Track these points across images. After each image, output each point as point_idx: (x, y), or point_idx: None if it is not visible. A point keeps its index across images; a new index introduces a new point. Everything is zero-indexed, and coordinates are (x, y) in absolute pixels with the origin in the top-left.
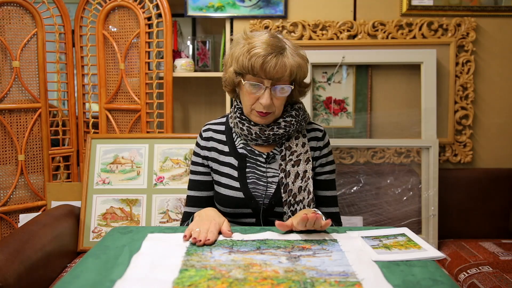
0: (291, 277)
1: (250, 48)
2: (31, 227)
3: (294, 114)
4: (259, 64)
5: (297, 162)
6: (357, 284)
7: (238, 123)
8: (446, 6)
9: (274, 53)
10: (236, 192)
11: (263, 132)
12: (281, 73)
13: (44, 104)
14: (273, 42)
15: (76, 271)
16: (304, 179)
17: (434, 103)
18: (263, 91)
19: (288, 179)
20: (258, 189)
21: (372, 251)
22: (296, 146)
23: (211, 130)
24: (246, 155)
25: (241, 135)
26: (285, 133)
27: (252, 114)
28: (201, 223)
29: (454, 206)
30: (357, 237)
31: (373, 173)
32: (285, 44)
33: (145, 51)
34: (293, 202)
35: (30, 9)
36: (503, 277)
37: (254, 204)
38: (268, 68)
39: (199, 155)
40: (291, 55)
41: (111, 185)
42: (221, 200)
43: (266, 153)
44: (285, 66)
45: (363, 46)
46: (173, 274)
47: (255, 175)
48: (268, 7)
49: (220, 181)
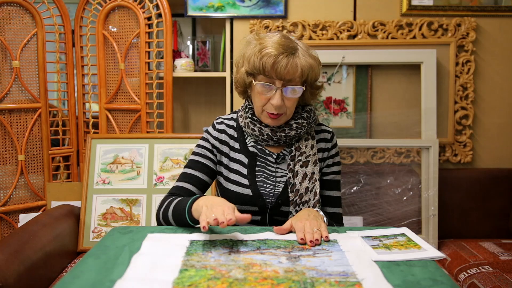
0: (291, 277)
1: (262, 48)
2: (31, 227)
3: (306, 116)
4: (270, 64)
5: (306, 163)
6: (357, 284)
7: (250, 123)
8: (446, 6)
9: (286, 53)
10: (244, 189)
11: (275, 133)
12: (292, 74)
13: (44, 104)
14: (285, 42)
15: (76, 271)
16: (312, 180)
17: (434, 103)
18: (274, 92)
19: (296, 179)
20: (266, 187)
21: (372, 251)
22: (306, 148)
23: (224, 124)
24: (256, 153)
25: (252, 135)
26: (296, 135)
27: (263, 116)
28: (213, 209)
29: (454, 206)
30: (357, 237)
31: (373, 173)
32: (297, 45)
33: (145, 51)
34: (299, 202)
35: (30, 9)
36: (503, 277)
37: (262, 202)
38: (279, 68)
39: (209, 141)
40: (303, 55)
41: (111, 185)
42: (229, 196)
43: (276, 154)
44: (296, 66)
45: (363, 46)
46: (173, 274)
47: (264, 174)
48: (268, 7)
49: (229, 177)
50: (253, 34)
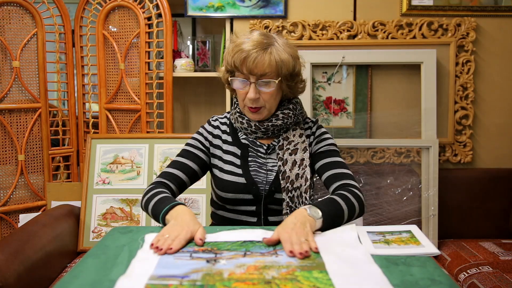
0: (280, 275)
1: (235, 46)
2: (31, 227)
3: (292, 107)
4: (240, 59)
5: (294, 151)
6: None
7: (238, 117)
8: (446, 6)
9: (257, 49)
10: (238, 178)
11: (262, 124)
12: (260, 68)
13: (44, 104)
14: (260, 39)
15: (76, 271)
16: (301, 166)
17: (434, 103)
18: (249, 86)
19: (285, 167)
20: (259, 176)
21: (371, 245)
22: (294, 137)
23: (218, 121)
24: (248, 145)
25: (241, 129)
26: (283, 125)
27: (245, 110)
28: (172, 228)
29: (454, 206)
30: (349, 230)
31: (373, 173)
32: (273, 41)
33: (145, 51)
34: (291, 189)
35: (30, 9)
36: (503, 277)
37: (256, 190)
38: (248, 63)
39: (202, 135)
40: (276, 51)
41: (111, 185)
42: (223, 186)
43: (266, 145)
44: (264, 60)
45: (363, 46)
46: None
47: (257, 163)
48: (268, 7)
49: (223, 168)
50: (233, 34)
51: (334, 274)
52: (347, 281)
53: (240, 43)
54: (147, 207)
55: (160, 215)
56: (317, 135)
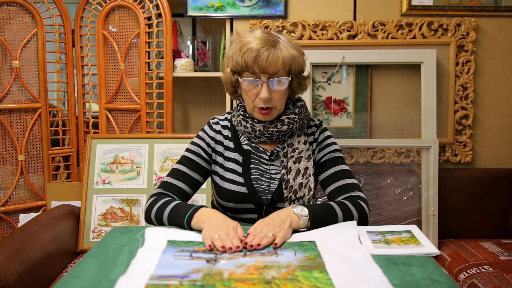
0: (280, 275)
1: (243, 45)
2: (31, 227)
3: (297, 112)
4: (251, 59)
5: (298, 159)
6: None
7: (242, 120)
8: (446, 6)
9: (267, 47)
10: (240, 187)
11: (267, 129)
12: (274, 66)
13: (44, 104)
14: (265, 37)
15: (76, 271)
16: (305, 176)
17: (434, 103)
18: (261, 86)
19: (289, 176)
20: (261, 185)
21: (371, 245)
22: (298, 144)
23: (219, 125)
24: (250, 151)
25: (244, 132)
26: (288, 130)
27: (254, 112)
28: (217, 228)
29: (454, 206)
30: (348, 230)
31: (373, 173)
32: (278, 39)
33: (145, 51)
34: (294, 198)
35: (30, 9)
36: (503, 277)
37: (257, 199)
38: (261, 61)
39: (204, 140)
40: (284, 47)
41: (111, 185)
42: (224, 194)
43: (270, 151)
44: (277, 58)
45: (363, 46)
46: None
47: (259, 171)
48: (268, 7)
49: (225, 176)
50: (234, 34)
51: (334, 274)
52: (347, 281)
53: (247, 42)
54: (161, 216)
55: (185, 219)
56: (320, 141)
